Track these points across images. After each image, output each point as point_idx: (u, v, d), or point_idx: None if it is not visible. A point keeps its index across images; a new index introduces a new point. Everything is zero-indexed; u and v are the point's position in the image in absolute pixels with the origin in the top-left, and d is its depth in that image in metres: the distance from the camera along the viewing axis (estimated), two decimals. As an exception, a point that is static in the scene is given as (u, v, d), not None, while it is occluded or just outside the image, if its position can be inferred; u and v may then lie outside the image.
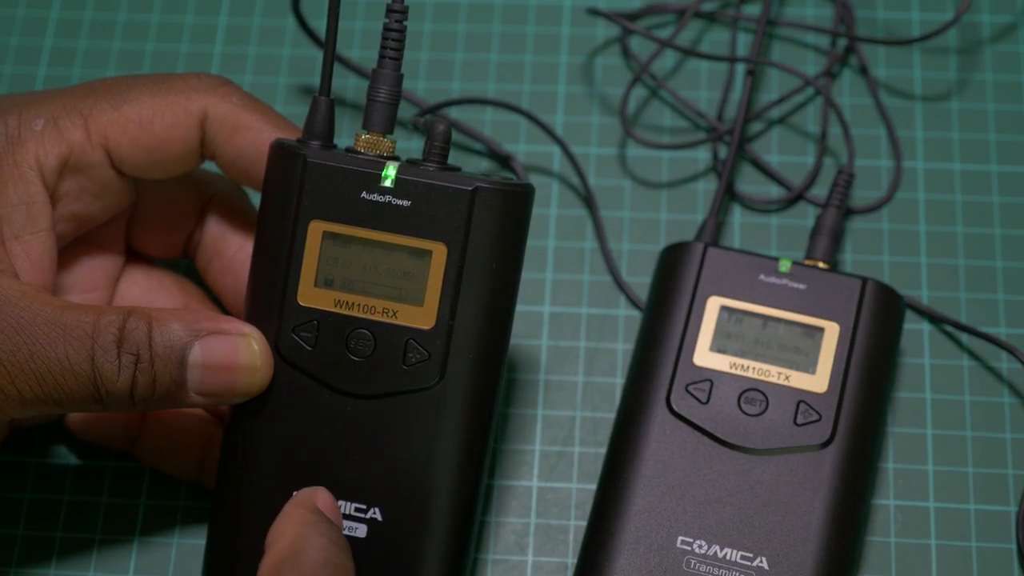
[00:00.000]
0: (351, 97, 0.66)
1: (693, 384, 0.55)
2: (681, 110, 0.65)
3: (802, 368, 0.55)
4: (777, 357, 0.55)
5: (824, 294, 0.56)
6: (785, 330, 0.56)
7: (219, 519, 0.52)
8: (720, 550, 0.53)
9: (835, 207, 0.60)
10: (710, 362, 0.55)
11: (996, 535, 0.56)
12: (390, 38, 0.51)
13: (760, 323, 0.56)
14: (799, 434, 0.54)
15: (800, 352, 0.55)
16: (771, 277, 0.56)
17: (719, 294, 0.56)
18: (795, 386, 0.55)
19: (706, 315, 0.56)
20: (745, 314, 0.56)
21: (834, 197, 0.60)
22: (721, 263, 0.57)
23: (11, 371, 0.48)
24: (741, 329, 0.56)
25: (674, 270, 0.57)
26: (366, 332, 0.50)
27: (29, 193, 0.51)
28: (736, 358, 0.55)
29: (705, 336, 0.56)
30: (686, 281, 0.57)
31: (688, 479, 0.54)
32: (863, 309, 0.56)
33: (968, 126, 0.64)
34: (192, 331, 0.49)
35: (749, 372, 0.55)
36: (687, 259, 0.57)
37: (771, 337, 0.56)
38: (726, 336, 0.56)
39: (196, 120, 0.52)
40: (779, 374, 0.55)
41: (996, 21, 0.67)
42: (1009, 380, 0.59)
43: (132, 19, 0.68)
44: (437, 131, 0.50)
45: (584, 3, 0.68)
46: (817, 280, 0.56)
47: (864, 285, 0.56)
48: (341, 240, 0.50)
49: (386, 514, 0.50)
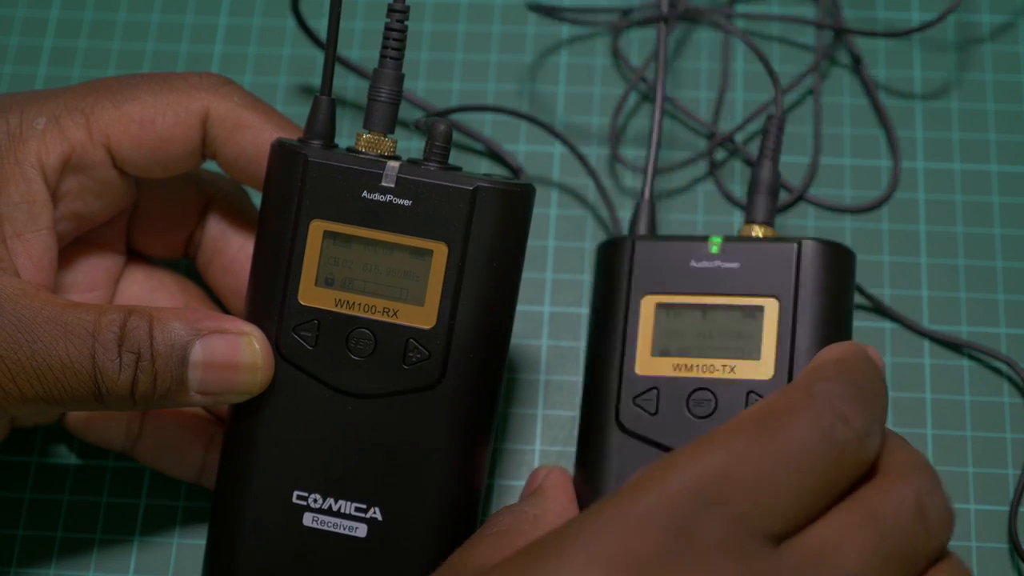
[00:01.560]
0: (351, 97, 0.66)
1: (640, 396, 0.52)
2: (675, 115, 0.65)
3: (747, 355, 0.51)
4: (721, 348, 0.52)
5: (760, 268, 0.52)
6: (724, 317, 0.52)
7: (219, 519, 0.52)
8: None
9: (769, 159, 0.55)
10: (653, 368, 0.52)
11: (995, 535, 0.56)
12: (391, 38, 0.51)
13: (698, 314, 0.52)
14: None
15: (743, 338, 0.51)
16: (702, 262, 0.52)
17: (653, 291, 0.52)
18: (742, 377, 0.51)
19: (642, 317, 0.52)
20: (681, 308, 0.52)
21: (767, 148, 0.55)
22: (651, 255, 0.53)
23: (12, 369, 0.48)
24: (680, 325, 0.52)
25: (606, 271, 0.54)
26: (367, 331, 0.50)
27: (30, 192, 0.51)
28: (679, 358, 0.52)
29: (644, 340, 0.52)
30: (619, 282, 0.53)
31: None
32: (801, 275, 0.51)
33: (968, 126, 0.64)
34: (193, 330, 0.49)
35: (694, 371, 0.51)
36: (617, 256, 0.53)
37: (711, 328, 0.52)
38: (666, 335, 0.52)
39: (197, 119, 0.52)
40: (724, 367, 0.51)
41: (995, 20, 0.67)
42: (1009, 380, 0.59)
43: (132, 19, 0.68)
44: (438, 131, 0.50)
45: (583, 3, 0.68)
46: (750, 254, 0.52)
47: (799, 249, 0.51)
48: (342, 239, 0.50)
49: (386, 514, 0.50)
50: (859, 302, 0.61)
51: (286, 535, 0.51)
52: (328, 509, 0.51)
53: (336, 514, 0.51)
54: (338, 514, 0.51)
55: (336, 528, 0.51)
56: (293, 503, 0.51)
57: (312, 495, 0.51)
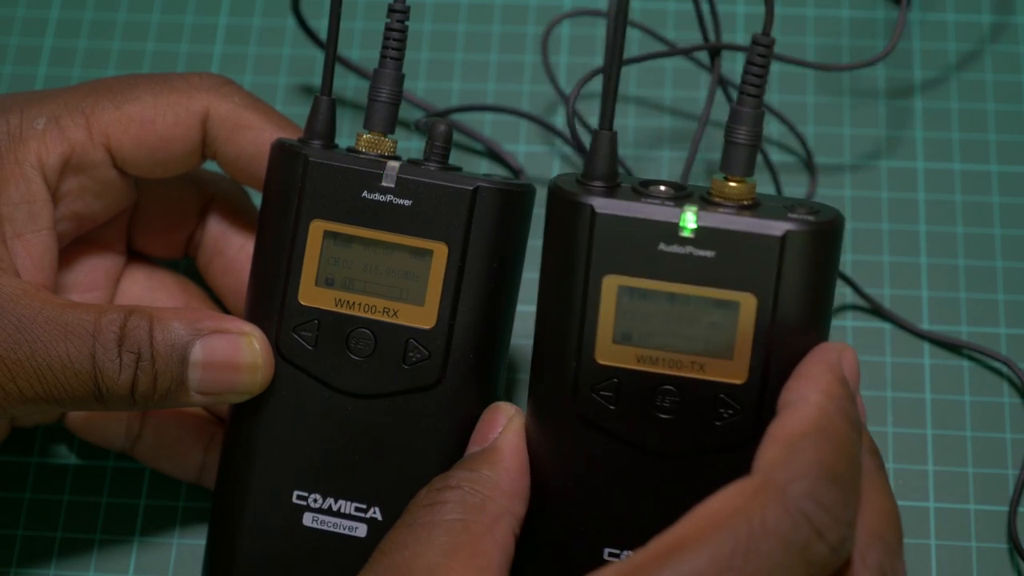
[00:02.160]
0: (351, 97, 0.66)
1: (599, 384, 0.47)
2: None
3: (718, 354, 0.46)
4: (689, 342, 0.46)
5: (737, 258, 0.45)
6: (694, 309, 0.46)
7: (219, 519, 0.52)
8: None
9: (751, 96, 0.46)
10: (614, 358, 0.46)
11: (996, 535, 0.56)
12: (392, 38, 0.51)
13: (667, 301, 0.46)
14: (717, 434, 0.46)
15: (716, 330, 0.46)
16: (672, 245, 0.45)
17: (616, 271, 0.46)
18: (711, 377, 0.46)
19: (603, 299, 0.46)
20: (648, 293, 0.46)
21: (748, 81, 0.46)
22: (615, 228, 0.46)
23: (12, 369, 0.48)
24: (646, 309, 0.46)
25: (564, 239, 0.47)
26: (367, 331, 0.50)
27: (31, 192, 0.51)
28: (644, 349, 0.46)
29: (605, 326, 0.46)
30: (578, 257, 0.46)
31: (610, 490, 0.47)
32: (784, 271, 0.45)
33: (968, 126, 0.64)
34: (193, 330, 0.49)
35: (658, 365, 0.46)
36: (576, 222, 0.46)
37: (680, 317, 0.46)
38: (630, 318, 0.46)
39: (198, 119, 0.52)
40: (693, 363, 0.46)
41: (996, 21, 0.67)
42: (1009, 380, 0.59)
43: (132, 19, 0.68)
44: (438, 131, 0.50)
45: (584, 4, 0.68)
46: (728, 241, 0.45)
47: (783, 242, 0.45)
48: (342, 239, 0.50)
49: (386, 514, 0.50)
50: (859, 303, 0.61)
51: (286, 535, 0.51)
52: (328, 509, 0.51)
53: (336, 514, 0.51)
54: (338, 514, 0.51)
55: (336, 528, 0.51)
56: (293, 503, 0.51)
57: (312, 495, 0.51)
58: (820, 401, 0.43)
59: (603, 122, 0.47)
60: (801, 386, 0.44)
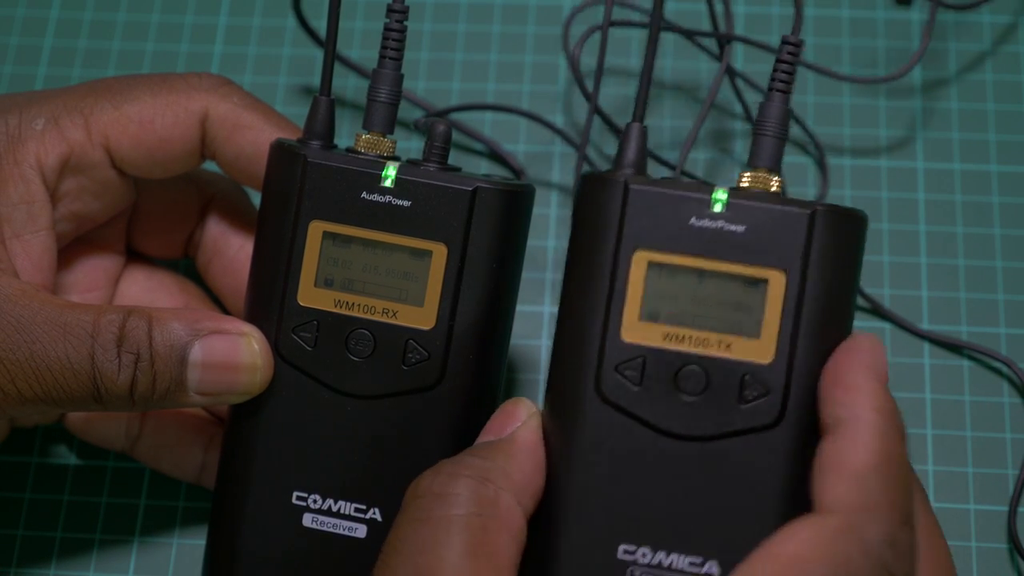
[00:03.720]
0: (351, 97, 0.66)
1: (624, 363, 0.46)
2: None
3: (746, 332, 0.46)
4: (717, 320, 0.46)
5: (768, 234, 0.46)
6: (723, 285, 0.46)
7: (219, 519, 0.52)
8: (666, 557, 0.46)
9: (780, 92, 0.48)
10: (641, 336, 0.46)
11: (996, 535, 0.56)
12: (391, 38, 0.51)
13: (695, 279, 0.46)
14: (746, 415, 0.46)
15: (743, 310, 0.46)
16: (704, 220, 0.46)
17: (646, 246, 0.46)
18: (738, 356, 0.46)
19: (632, 275, 0.46)
20: (677, 269, 0.46)
21: (777, 77, 0.48)
22: (647, 204, 0.46)
23: (11, 370, 0.48)
24: (674, 288, 0.46)
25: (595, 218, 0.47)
26: (366, 332, 0.50)
27: (29, 192, 0.51)
28: (670, 327, 0.46)
29: (633, 302, 0.46)
30: (607, 232, 0.47)
31: (630, 477, 0.46)
32: (812, 249, 0.46)
33: (968, 126, 0.64)
34: (192, 330, 0.49)
35: (685, 344, 0.46)
36: (608, 201, 0.47)
37: (708, 295, 0.46)
38: (658, 298, 0.46)
39: (197, 120, 0.52)
40: (719, 342, 0.46)
41: (996, 21, 0.67)
42: (1009, 380, 0.59)
43: (132, 19, 0.68)
44: (437, 131, 0.50)
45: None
46: (759, 217, 0.46)
47: (812, 218, 0.46)
48: (341, 240, 0.50)
49: (386, 514, 0.50)
50: (859, 303, 0.61)
51: (286, 536, 0.51)
52: (328, 510, 0.51)
53: (336, 515, 0.51)
54: (338, 515, 0.51)
55: (336, 529, 0.51)
56: (293, 504, 0.51)
57: (312, 496, 0.51)
58: (878, 423, 0.43)
59: (636, 115, 0.48)
60: (850, 400, 0.44)
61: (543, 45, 0.67)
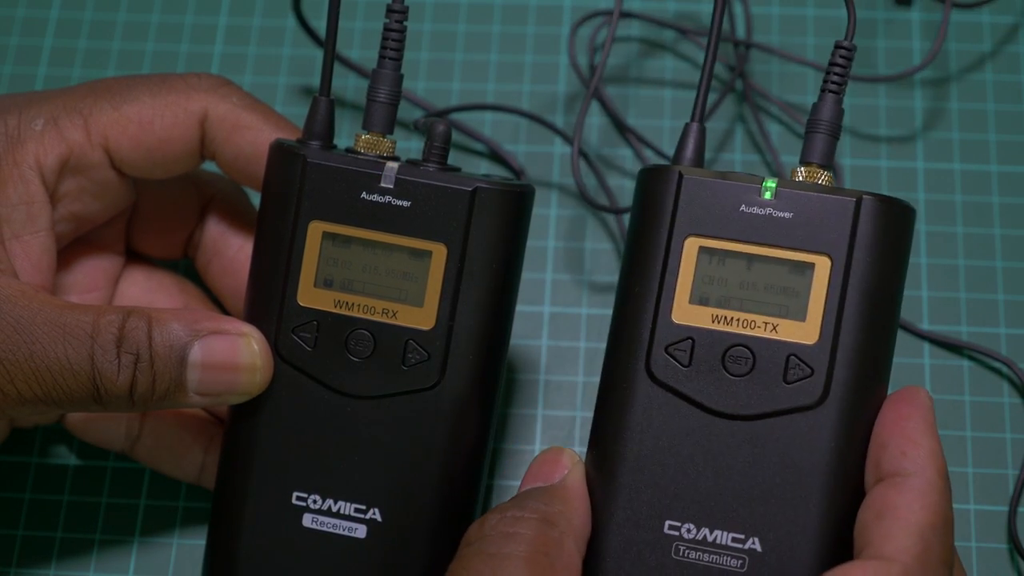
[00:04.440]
0: (351, 97, 0.66)
1: (673, 345, 0.48)
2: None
3: (792, 315, 0.48)
4: (764, 303, 0.48)
5: (814, 221, 0.48)
6: (771, 270, 0.48)
7: (219, 519, 0.52)
8: (710, 533, 0.48)
9: (832, 93, 0.50)
10: (690, 317, 0.48)
11: (996, 535, 0.56)
12: (390, 38, 0.51)
13: (744, 264, 0.48)
14: (790, 394, 0.48)
15: (789, 294, 0.48)
16: (753, 207, 0.48)
17: (697, 232, 0.48)
18: (784, 337, 0.48)
19: (684, 260, 0.48)
20: (727, 254, 0.48)
21: (831, 79, 0.50)
22: (699, 192, 0.49)
23: (10, 371, 0.48)
24: (723, 272, 0.49)
25: (649, 206, 0.49)
26: (366, 332, 0.50)
27: (29, 193, 0.51)
28: (718, 309, 0.48)
29: (684, 286, 0.48)
30: (661, 219, 0.49)
31: (674, 454, 0.48)
32: (858, 235, 0.48)
33: (968, 126, 0.64)
34: (192, 331, 0.49)
35: (732, 325, 0.48)
36: (662, 190, 0.49)
37: (756, 280, 0.48)
38: (707, 282, 0.49)
39: (196, 120, 0.52)
40: (766, 324, 0.48)
41: (996, 21, 0.67)
42: (1009, 380, 0.59)
43: (132, 19, 0.68)
44: (437, 131, 0.50)
45: (584, 3, 0.68)
46: (806, 205, 0.48)
47: (858, 205, 0.48)
48: (341, 240, 0.50)
49: (386, 515, 0.50)
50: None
51: (286, 536, 0.51)
52: (328, 510, 0.51)
53: (336, 515, 0.51)
54: (338, 515, 0.51)
55: (336, 529, 0.51)
56: (293, 504, 0.51)
57: (312, 496, 0.51)
58: (940, 485, 0.46)
59: (694, 115, 0.50)
60: (917, 455, 0.46)
61: (543, 45, 0.67)
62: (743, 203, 0.48)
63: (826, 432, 0.47)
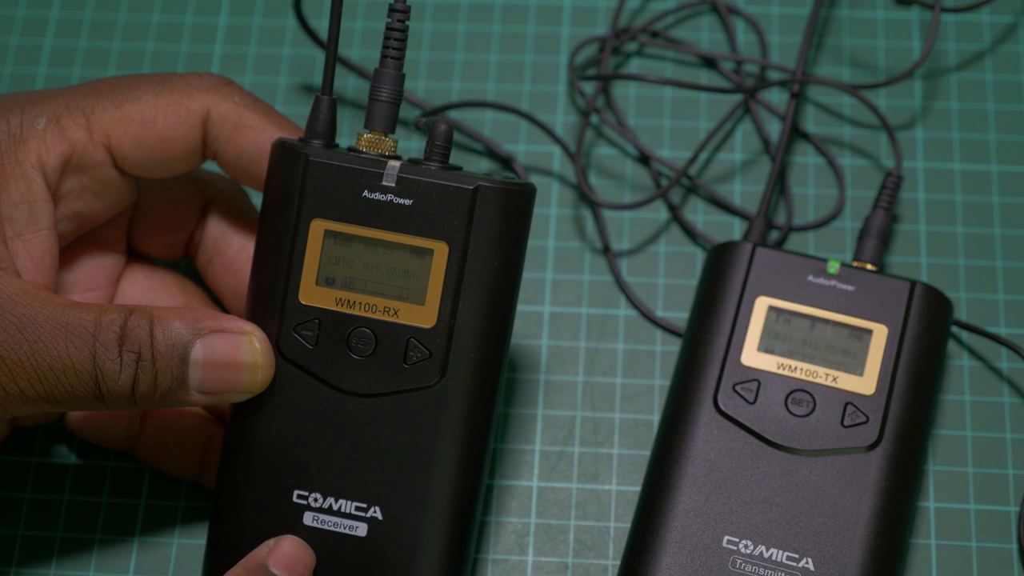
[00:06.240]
0: (352, 97, 0.66)
1: (740, 384, 0.55)
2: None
3: (850, 370, 0.55)
4: (825, 358, 0.55)
5: (873, 296, 0.56)
6: (833, 331, 0.55)
7: (219, 519, 0.52)
8: (766, 550, 0.52)
9: (883, 209, 0.60)
10: (758, 362, 0.55)
11: (996, 535, 0.56)
12: (392, 38, 0.51)
13: (808, 324, 0.56)
14: (846, 436, 0.54)
15: (848, 354, 0.55)
16: (820, 278, 0.56)
17: (767, 294, 0.56)
18: (843, 387, 0.55)
19: (754, 315, 0.56)
20: (793, 315, 0.56)
21: (882, 199, 0.60)
22: (769, 263, 0.57)
23: (12, 369, 0.48)
24: (789, 330, 0.56)
25: (723, 269, 0.57)
26: (367, 331, 0.50)
27: (31, 192, 0.51)
28: (784, 358, 0.55)
29: (753, 336, 0.56)
30: (734, 280, 0.56)
31: (735, 478, 0.53)
32: (911, 312, 0.55)
33: (968, 126, 0.64)
34: (194, 329, 0.49)
35: (797, 373, 0.55)
36: (736, 258, 0.57)
37: (819, 338, 0.55)
38: (774, 336, 0.55)
39: (198, 119, 0.52)
40: (827, 375, 0.55)
41: (996, 21, 0.67)
42: (1009, 380, 0.59)
43: (132, 19, 0.68)
44: (439, 130, 0.50)
45: (584, 4, 0.68)
46: (865, 282, 0.56)
47: (912, 288, 0.56)
48: (343, 239, 0.50)
49: (386, 513, 0.50)
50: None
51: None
52: (328, 508, 0.51)
53: (336, 513, 0.51)
54: (338, 513, 0.51)
55: (336, 527, 0.51)
56: (293, 502, 0.51)
57: (312, 494, 0.51)
58: None
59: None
60: None
61: (543, 45, 0.67)
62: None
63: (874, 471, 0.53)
